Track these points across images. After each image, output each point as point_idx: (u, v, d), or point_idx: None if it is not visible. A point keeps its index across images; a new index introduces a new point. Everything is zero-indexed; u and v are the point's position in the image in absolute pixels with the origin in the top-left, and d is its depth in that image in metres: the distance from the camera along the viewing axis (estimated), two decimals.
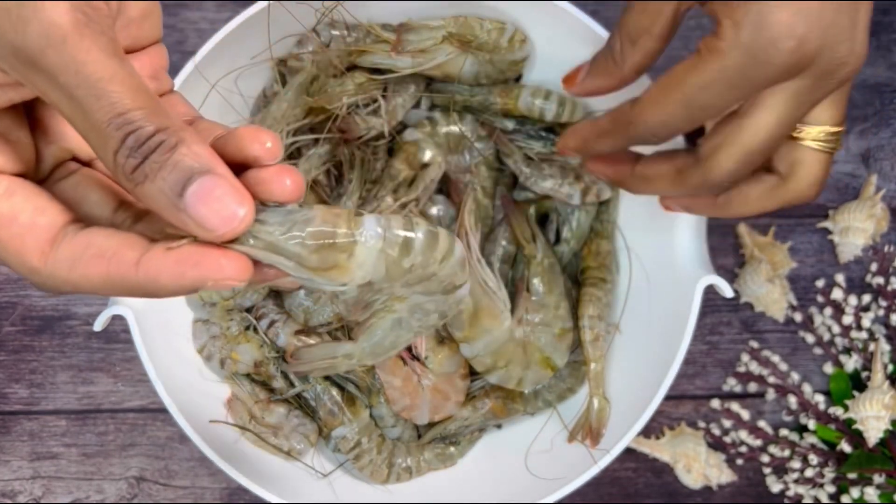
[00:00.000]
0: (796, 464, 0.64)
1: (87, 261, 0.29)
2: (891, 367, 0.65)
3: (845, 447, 0.64)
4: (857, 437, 0.63)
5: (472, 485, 0.59)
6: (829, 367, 0.67)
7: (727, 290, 0.51)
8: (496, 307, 0.55)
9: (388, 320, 0.41)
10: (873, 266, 0.67)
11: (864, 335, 0.66)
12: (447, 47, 0.56)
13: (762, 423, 0.66)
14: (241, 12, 0.52)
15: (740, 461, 0.66)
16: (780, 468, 0.66)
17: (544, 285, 0.57)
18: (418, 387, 0.57)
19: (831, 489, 0.64)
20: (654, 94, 0.40)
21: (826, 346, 0.67)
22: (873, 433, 0.62)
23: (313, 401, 0.58)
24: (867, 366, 0.66)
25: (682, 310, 0.52)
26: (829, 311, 0.67)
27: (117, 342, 0.65)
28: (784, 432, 0.66)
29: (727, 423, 0.66)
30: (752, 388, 0.66)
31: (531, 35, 0.57)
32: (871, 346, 0.65)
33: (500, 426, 0.61)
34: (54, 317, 0.65)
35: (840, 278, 0.67)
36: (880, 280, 0.66)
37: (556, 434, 0.58)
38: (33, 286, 0.31)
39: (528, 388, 0.58)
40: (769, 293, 0.65)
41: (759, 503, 0.66)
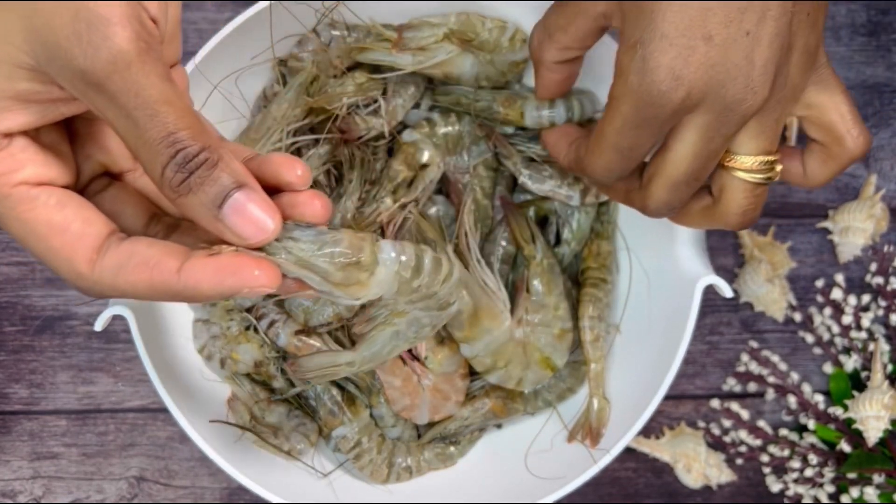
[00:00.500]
0: (796, 463, 0.64)
1: (132, 268, 0.32)
2: (890, 367, 0.65)
3: (845, 447, 0.64)
4: (856, 437, 0.63)
5: (472, 485, 0.59)
6: (828, 367, 0.67)
7: (727, 290, 0.51)
8: (496, 307, 0.55)
9: (388, 332, 0.46)
10: (873, 266, 0.67)
11: (863, 335, 0.66)
12: (448, 45, 0.56)
13: (762, 423, 0.66)
14: (241, 12, 0.52)
15: (740, 461, 0.66)
16: (780, 468, 0.66)
17: (544, 286, 0.57)
18: (418, 387, 0.57)
19: (831, 489, 0.64)
20: (591, 145, 0.44)
21: (826, 345, 0.67)
22: (873, 433, 0.62)
23: (313, 401, 0.58)
24: (867, 366, 0.66)
25: (682, 310, 0.52)
26: (828, 310, 0.67)
27: (118, 342, 0.65)
28: (784, 432, 0.66)
29: (727, 422, 0.66)
30: (752, 387, 0.66)
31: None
32: (871, 346, 0.65)
33: (500, 426, 0.61)
34: (54, 317, 0.65)
35: (840, 278, 0.67)
36: (880, 280, 0.66)
37: (556, 434, 0.58)
38: (78, 290, 0.33)
39: (527, 389, 0.58)
40: (769, 293, 0.65)
41: (758, 503, 0.66)
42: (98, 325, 0.48)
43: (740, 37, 0.38)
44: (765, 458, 0.65)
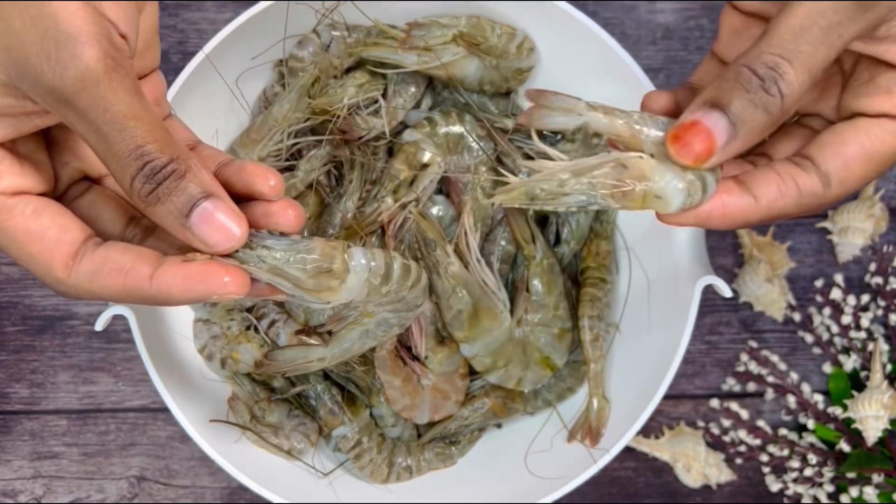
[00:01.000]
0: (795, 463, 0.64)
1: (106, 274, 0.33)
2: (889, 367, 0.65)
3: (844, 447, 0.64)
4: (856, 437, 0.64)
5: (472, 484, 0.59)
6: (828, 367, 0.67)
7: (726, 290, 0.51)
8: (496, 307, 0.55)
9: (357, 331, 0.48)
10: (872, 266, 0.67)
11: (862, 335, 0.66)
12: (454, 47, 0.56)
13: (761, 423, 0.66)
14: (241, 13, 0.52)
15: (739, 460, 0.66)
16: (780, 467, 0.66)
17: (544, 286, 0.57)
18: (418, 386, 0.57)
19: (830, 488, 0.64)
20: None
21: (825, 345, 0.67)
22: (872, 433, 0.62)
23: (314, 400, 0.58)
24: (866, 365, 0.66)
25: (682, 310, 0.52)
26: (828, 310, 0.67)
27: (118, 342, 0.65)
28: (783, 432, 0.66)
29: (726, 422, 0.66)
30: (752, 387, 0.66)
31: (530, 34, 0.57)
32: (870, 346, 0.65)
33: (500, 426, 0.61)
34: (55, 317, 0.65)
35: (839, 278, 0.67)
36: (879, 280, 0.66)
37: (556, 434, 0.58)
38: (57, 294, 0.35)
39: (527, 388, 0.58)
40: (768, 293, 0.65)
41: (758, 502, 0.66)
42: (99, 325, 0.48)
43: None
44: (764, 458, 0.65)
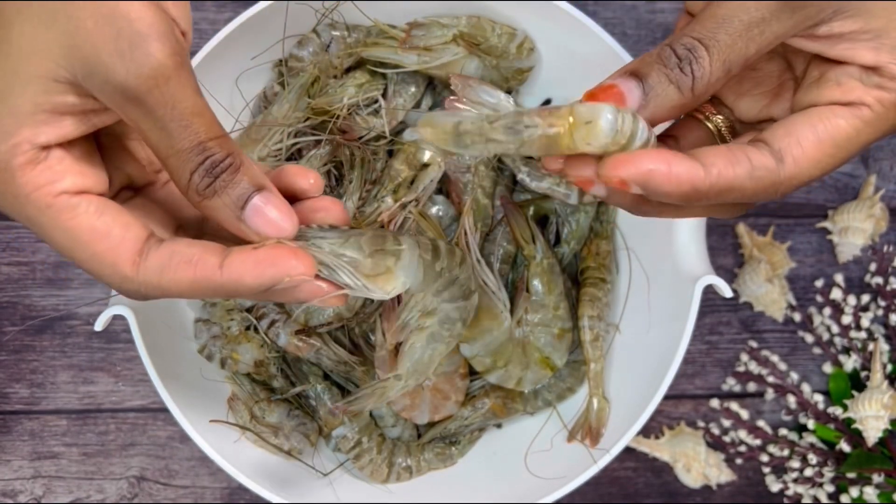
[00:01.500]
0: (795, 463, 0.64)
1: (175, 267, 0.33)
2: (890, 367, 0.65)
3: (844, 447, 0.64)
4: (856, 437, 0.64)
5: (472, 484, 0.59)
6: (828, 367, 0.67)
7: (726, 290, 0.51)
8: (496, 307, 0.55)
9: (423, 336, 0.47)
10: (872, 266, 0.67)
11: (863, 335, 0.66)
12: (454, 47, 0.56)
13: (761, 423, 0.66)
14: (241, 13, 0.52)
15: (739, 461, 0.66)
16: (780, 468, 0.66)
17: (544, 286, 0.57)
18: (418, 387, 0.57)
19: (830, 488, 0.64)
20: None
21: (825, 345, 0.67)
22: (872, 433, 0.62)
23: (313, 400, 0.58)
24: (866, 365, 0.66)
25: (682, 310, 0.52)
26: (828, 310, 0.67)
27: (118, 342, 0.65)
28: (783, 432, 0.66)
29: (726, 422, 0.66)
30: (752, 387, 0.66)
31: (530, 34, 0.57)
32: (871, 346, 0.65)
33: (500, 426, 0.61)
34: (55, 317, 0.65)
35: (839, 278, 0.67)
36: (879, 280, 0.66)
37: (556, 434, 0.58)
38: (123, 293, 0.35)
39: (527, 388, 0.58)
40: (768, 293, 0.65)
41: (758, 503, 0.66)
42: (98, 325, 0.48)
43: None
44: (764, 458, 0.65)
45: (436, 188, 0.59)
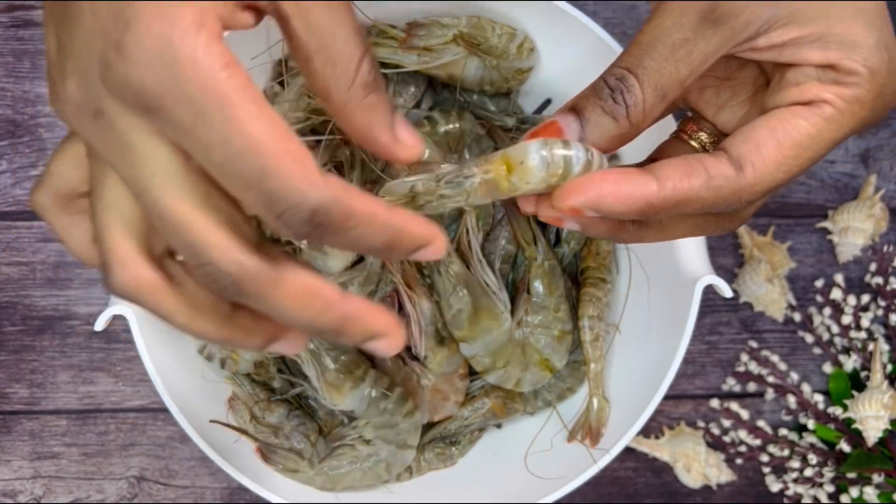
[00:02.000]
0: (795, 463, 0.64)
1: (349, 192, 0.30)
2: (890, 367, 0.65)
3: (844, 447, 0.64)
4: (856, 437, 0.64)
5: (472, 485, 0.59)
6: (828, 367, 0.67)
7: (726, 290, 0.51)
8: (496, 307, 0.55)
9: (350, 455, 0.55)
10: (872, 266, 0.67)
11: (863, 335, 0.66)
12: (454, 47, 0.56)
13: (761, 423, 0.66)
14: None
15: (740, 461, 0.66)
16: (780, 468, 0.66)
17: (545, 287, 0.57)
18: (418, 387, 0.57)
19: (830, 489, 0.64)
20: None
21: (825, 345, 0.67)
22: (872, 433, 0.62)
23: (313, 401, 0.58)
24: (866, 365, 0.66)
25: (682, 309, 0.52)
26: (828, 310, 0.67)
27: (118, 342, 0.65)
28: (783, 432, 0.66)
29: (726, 422, 0.66)
30: (752, 387, 0.66)
31: (530, 34, 0.57)
32: (871, 346, 0.65)
33: (499, 426, 0.61)
34: (55, 317, 0.65)
35: (839, 278, 0.67)
36: (879, 280, 0.66)
37: (556, 434, 0.58)
38: (298, 209, 0.28)
39: (526, 389, 0.58)
40: (768, 293, 0.65)
41: (758, 503, 0.66)
42: (98, 325, 0.48)
43: None
44: (764, 458, 0.65)
45: None
